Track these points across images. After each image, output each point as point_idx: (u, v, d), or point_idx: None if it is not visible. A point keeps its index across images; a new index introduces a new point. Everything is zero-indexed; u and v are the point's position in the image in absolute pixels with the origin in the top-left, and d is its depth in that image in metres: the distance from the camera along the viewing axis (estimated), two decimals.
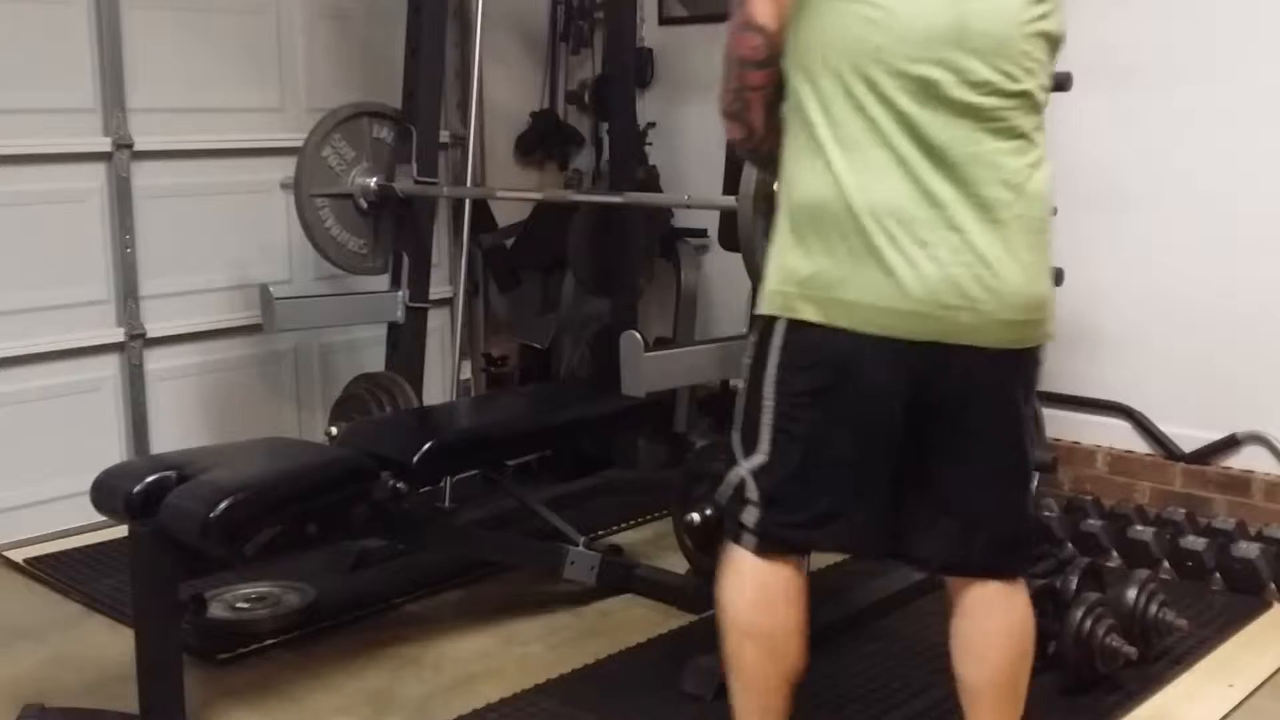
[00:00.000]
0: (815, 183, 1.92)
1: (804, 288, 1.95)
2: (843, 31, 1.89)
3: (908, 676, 2.87)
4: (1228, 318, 3.56)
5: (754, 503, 2.04)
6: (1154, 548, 3.47)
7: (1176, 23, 3.57)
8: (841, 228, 1.90)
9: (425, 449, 2.95)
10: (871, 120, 1.88)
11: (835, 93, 1.90)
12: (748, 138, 2.06)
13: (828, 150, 1.91)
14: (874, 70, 1.88)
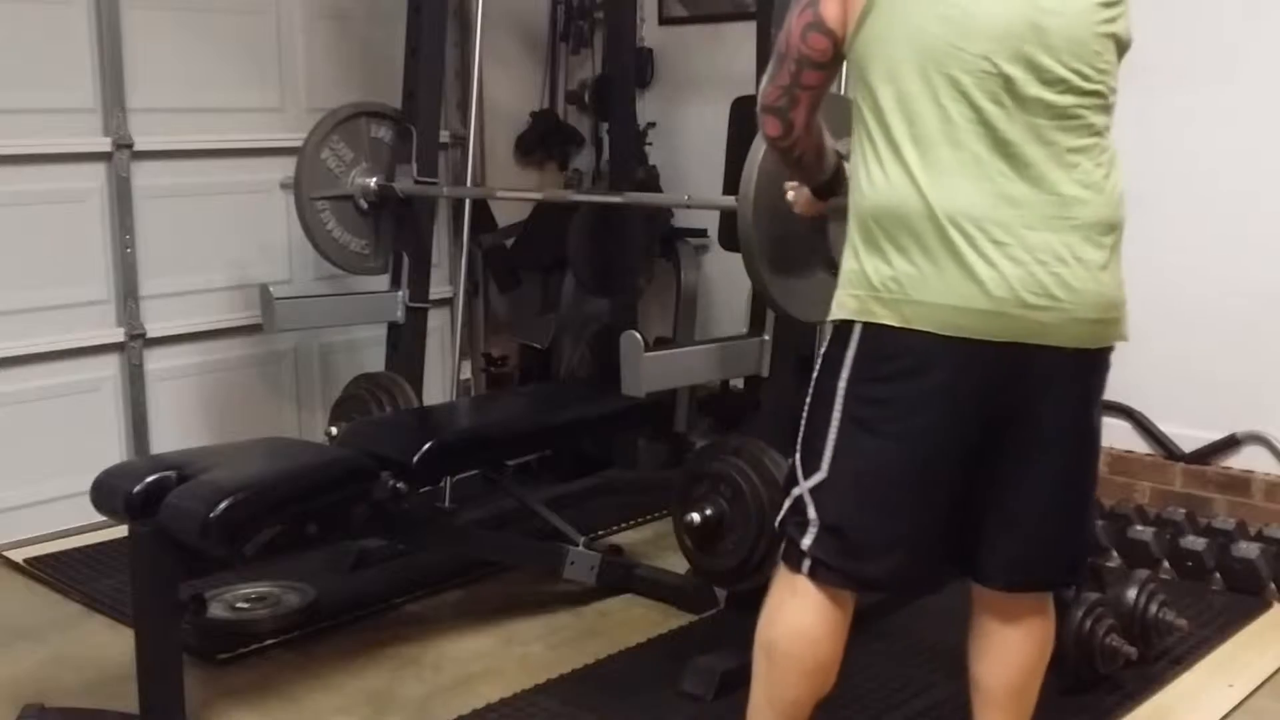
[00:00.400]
0: (890, 185, 1.89)
1: (880, 291, 1.91)
2: (918, 30, 1.87)
3: (909, 676, 2.87)
4: (1228, 318, 3.56)
5: (813, 523, 1.99)
6: (1154, 548, 3.47)
7: (1182, 22, 3.56)
8: (918, 229, 1.87)
9: (425, 449, 2.95)
10: (948, 120, 1.87)
11: (910, 93, 1.88)
12: (785, 134, 2.03)
13: (904, 151, 1.88)
14: (950, 68, 1.86)
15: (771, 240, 2.51)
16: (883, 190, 1.91)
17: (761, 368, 2.82)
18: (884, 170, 1.90)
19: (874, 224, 1.92)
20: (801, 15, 1.95)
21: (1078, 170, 1.93)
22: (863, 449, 1.95)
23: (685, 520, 2.80)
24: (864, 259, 1.94)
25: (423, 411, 3.74)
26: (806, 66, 1.96)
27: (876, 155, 1.92)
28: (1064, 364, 1.95)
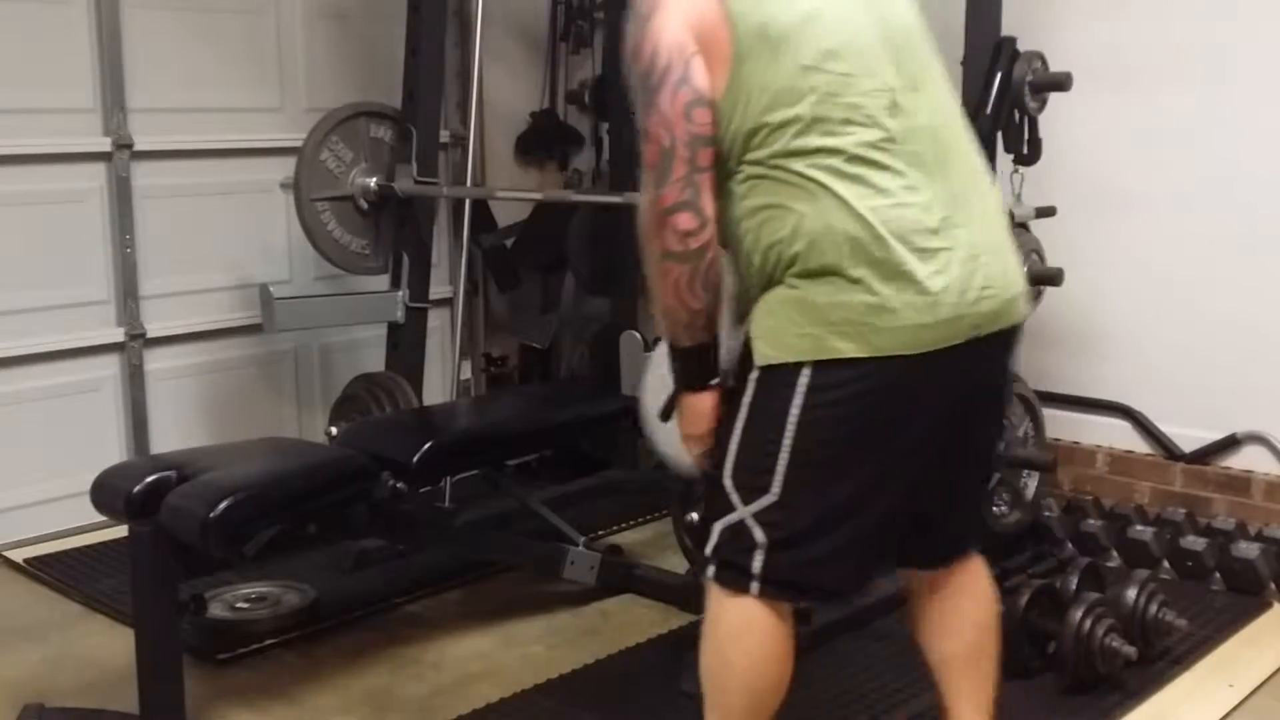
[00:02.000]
0: (823, 219, 1.87)
1: (837, 324, 1.87)
2: (793, 71, 1.88)
3: (909, 676, 2.87)
4: (1228, 318, 3.56)
5: (761, 545, 1.96)
6: (1154, 548, 3.47)
7: (1176, 23, 3.57)
8: (865, 254, 1.86)
9: (425, 449, 2.95)
10: (859, 144, 1.87)
11: (809, 130, 1.87)
12: (702, 226, 1.88)
13: (828, 184, 1.87)
14: (845, 95, 1.88)
15: None
16: (818, 226, 1.87)
17: None
18: (811, 208, 1.87)
19: (813, 259, 1.88)
20: (677, 97, 1.85)
21: (968, 160, 2.02)
22: (824, 471, 1.93)
23: (685, 520, 2.80)
24: (812, 294, 1.89)
25: (423, 411, 3.75)
26: (700, 145, 1.87)
27: (792, 201, 1.89)
28: (996, 345, 2.00)
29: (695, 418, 2.04)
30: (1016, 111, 3.32)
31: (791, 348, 1.90)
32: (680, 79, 1.86)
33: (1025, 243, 3.39)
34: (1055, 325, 3.75)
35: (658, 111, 1.87)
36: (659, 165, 1.88)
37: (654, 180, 1.88)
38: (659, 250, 1.91)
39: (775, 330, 1.92)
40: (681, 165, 1.87)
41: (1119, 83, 3.65)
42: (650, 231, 1.91)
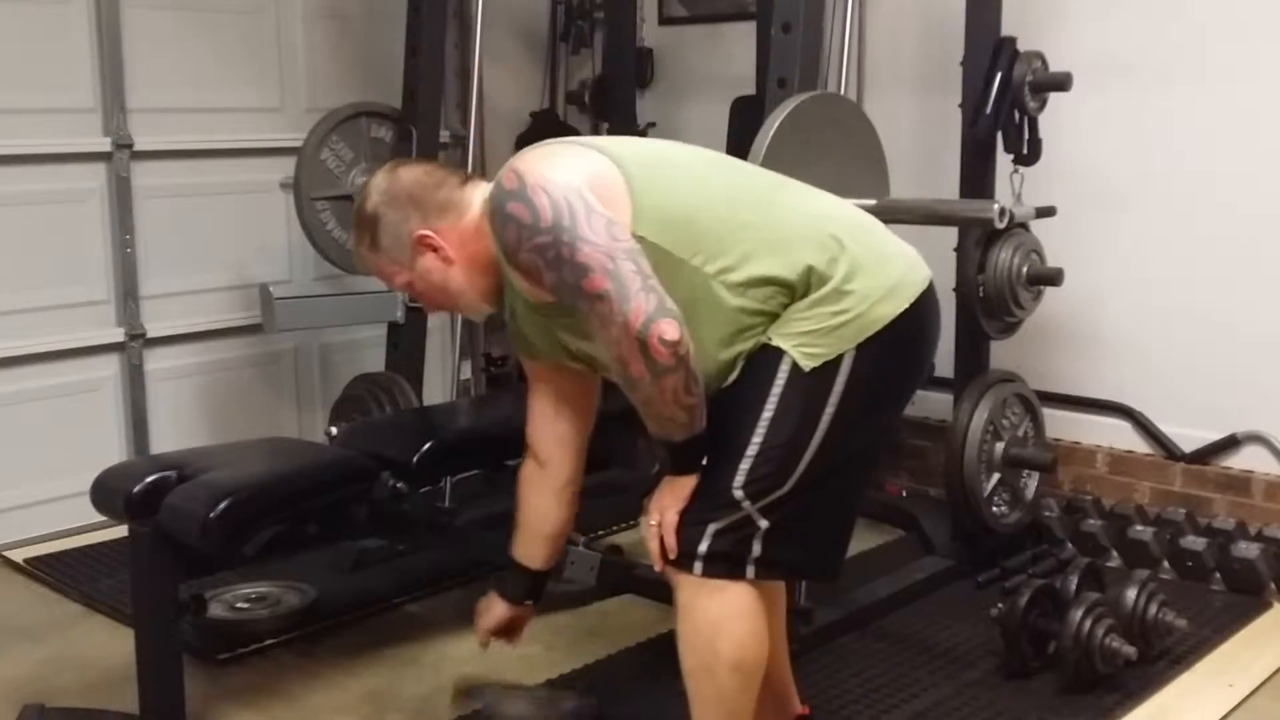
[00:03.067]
0: (794, 220, 2.03)
1: (874, 295, 2.00)
2: (717, 167, 2.08)
3: (909, 676, 2.87)
4: (1228, 318, 3.56)
5: (761, 530, 2.00)
6: (1154, 548, 3.47)
7: (1176, 23, 3.57)
8: (858, 239, 2.03)
9: (425, 449, 2.95)
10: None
11: (760, 204, 2.03)
12: (682, 327, 1.88)
13: (771, 196, 2.07)
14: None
15: None
16: (796, 227, 2.01)
17: None
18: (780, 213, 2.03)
19: (821, 252, 1.99)
20: (593, 222, 1.89)
21: None
22: (837, 454, 2.02)
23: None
24: (841, 283, 1.99)
25: (423, 411, 3.74)
26: (639, 255, 1.90)
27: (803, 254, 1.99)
28: None
29: (673, 499, 2.06)
30: (1016, 111, 3.33)
31: (841, 338, 1.98)
32: (594, 213, 1.90)
33: (1025, 243, 3.39)
34: (1055, 325, 3.75)
35: (585, 242, 1.87)
36: (613, 288, 1.86)
37: (614, 306, 1.85)
38: (650, 371, 1.87)
39: (814, 333, 1.98)
40: (634, 277, 1.87)
41: (1119, 83, 3.65)
42: (631, 359, 1.87)
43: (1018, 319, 3.46)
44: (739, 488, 1.98)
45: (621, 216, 1.92)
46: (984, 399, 3.39)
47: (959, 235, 3.43)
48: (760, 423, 1.99)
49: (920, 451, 4.17)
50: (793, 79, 2.72)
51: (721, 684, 2.05)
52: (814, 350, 1.97)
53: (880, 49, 4.16)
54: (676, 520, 2.02)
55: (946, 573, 3.42)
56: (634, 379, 1.89)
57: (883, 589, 3.28)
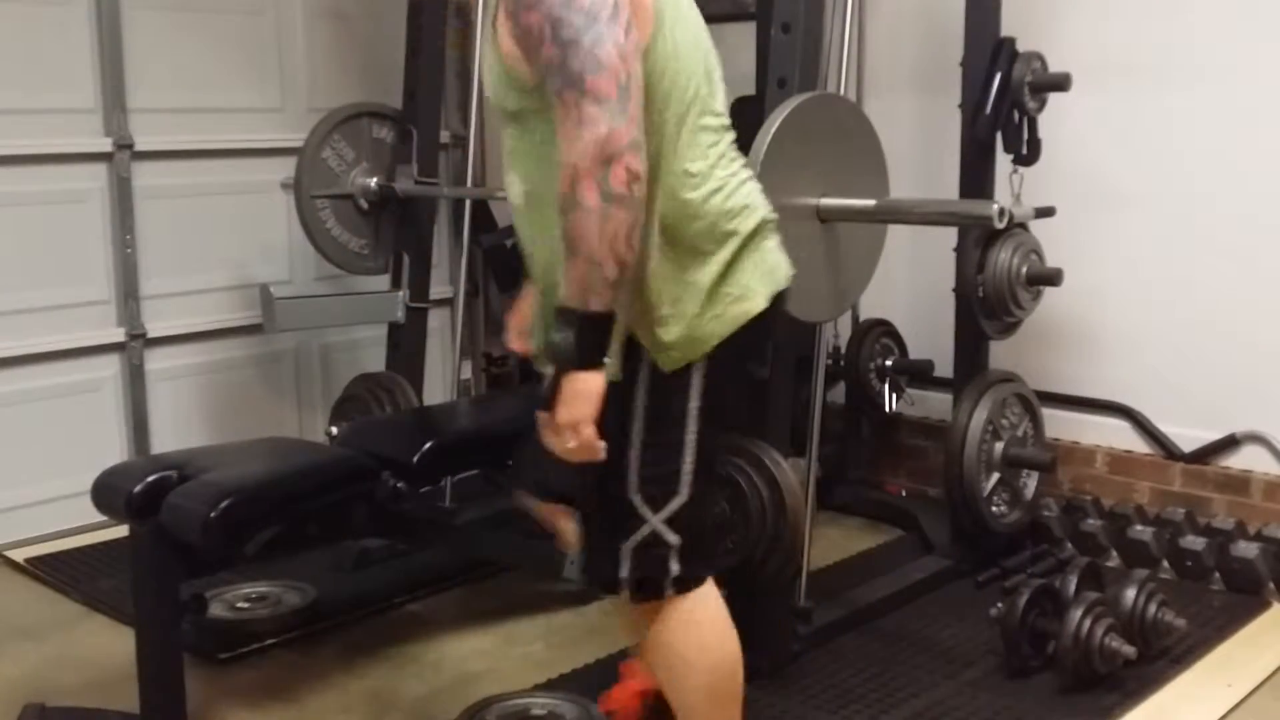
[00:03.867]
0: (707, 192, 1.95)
1: (733, 290, 1.96)
2: (689, 60, 1.92)
3: (909, 676, 2.87)
4: (1227, 318, 3.56)
5: (674, 548, 1.96)
6: (1153, 548, 3.47)
7: (1175, 23, 3.57)
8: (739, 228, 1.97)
9: (425, 449, 2.95)
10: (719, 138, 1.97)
11: (693, 116, 1.93)
12: (643, 173, 1.77)
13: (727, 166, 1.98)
14: (709, 100, 1.95)
15: None
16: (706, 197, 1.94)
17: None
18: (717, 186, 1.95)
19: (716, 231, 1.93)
20: (630, 36, 1.77)
21: None
22: (710, 449, 1.99)
23: None
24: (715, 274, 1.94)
25: (423, 411, 3.75)
26: (640, 93, 1.79)
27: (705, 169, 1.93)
28: None
29: (583, 401, 1.79)
30: (1016, 111, 3.33)
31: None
32: (629, 24, 1.77)
33: (1025, 243, 3.40)
34: (1055, 325, 3.75)
35: (614, 43, 1.73)
36: (616, 98, 1.72)
37: (607, 114, 1.71)
38: (601, 193, 1.71)
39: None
40: (635, 105, 1.75)
41: (1119, 83, 3.65)
42: (590, 170, 1.71)
43: (1017, 319, 3.46)
44: (635, 491, 1.94)
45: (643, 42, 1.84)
46: (984, 399, 3.39)
47: (959, 235, 3.43)
48: (635, 414, 1.94)
49: (920, 451, 4.17)
50: (793, 79, 2.72)
51: (702, 689, 2.05)
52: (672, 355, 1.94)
53: (880, 49, 4.16)
54: (595, 433, 1.81)
55: (946, 573, 3.42)
56: (579, 200, 1.72)
57: (883, 589, 3.29)
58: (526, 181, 1.94)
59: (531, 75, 1.80)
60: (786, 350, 2.84)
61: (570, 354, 1.78)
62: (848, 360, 3.99)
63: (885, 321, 4.03)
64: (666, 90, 1.87)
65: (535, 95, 1.82)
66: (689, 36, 1.92)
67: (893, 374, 3.98)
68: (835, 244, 2.65)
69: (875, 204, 2.64)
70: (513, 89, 1.86)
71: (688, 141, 1.90)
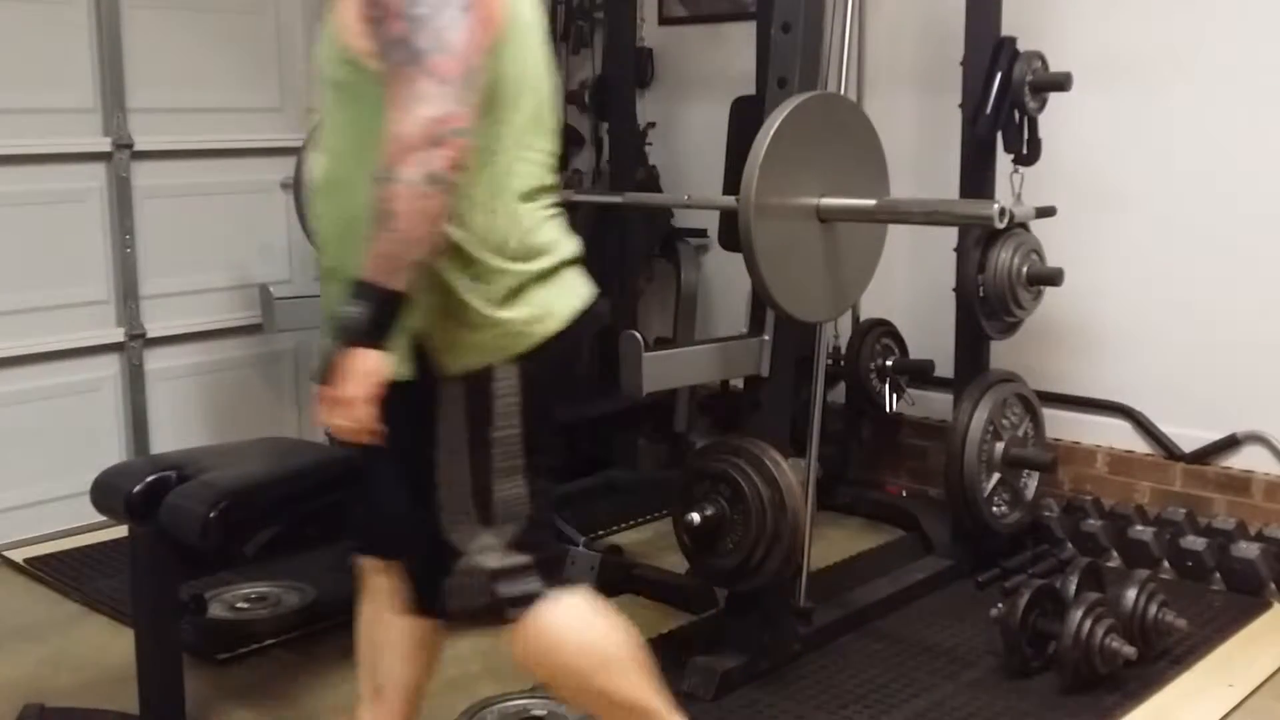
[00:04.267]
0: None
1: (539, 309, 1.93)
2: (533, 72, 1.92)
3: (909, 676, 2.87)
4: (1228, 318, 3.56)
5: (526, 566, 1.96)
6: (1154, 548, 3.47)
7: (1176, 23, 3.57)
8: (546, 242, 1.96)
9: None
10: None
11: (525, 126, 1.93)
12: (464, 160, 1.75)
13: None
14: (545, 113, 1.97)
15: (771, 240, 2.51)
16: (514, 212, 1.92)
17: (761, 368, 2.82)
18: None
19: (522, 244, 1.91)
20: (480, 29, 1.77)
21: None
22: (542, 465, 1.97)
23: (685, 520, 2.80)
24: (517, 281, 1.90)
25: None
26: (478, 85, 1.79)
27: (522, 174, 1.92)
28: None
29: (364, 379, 1.75)
30: (1016, 111, 3.33)
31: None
32: (480, 21, 1.78)
33: (1025, 243, 3.39)
34: (1055, 325, 3.75)
35: (465, 30, 1.73)
36: (457, 83, 1.71)
37: (445, 96, 1.69)
38: (426, 171, 1.68)
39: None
40: (472, 96, 1.75)
41: (1119, 83, 3.65)
42: (417, 146, 1.68)
43: (1018, 319, 3.46)
44: (471, 514, 1.93)
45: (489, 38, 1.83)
46: (984, 399, 3.39)
47: (959, 235, 3.43)
48: (442, 439, 1.92)
49: (920, 451, 4.17)
50: (793, 79, 2.72)
51: (612, 687, 2.06)
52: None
53: (880, 49, 4.16)
54: (372, 415, 1.77)
55: (946, 573, 3.42)
56: (400, 174, 1.69)
57: (883, 589, 3.28)
58: (336, 157, 1.93)
59: (369, 48, 1.78)
60: (786, 350, 2.84)
61: (359, 329, 1.74)
62: (848, 360, 3.99)
63: (885, 321, 4.03)
64: (503, 100, 1.87)
65: (365, 70, 1.80)
66: (534, 61, 1.93)
67: (893, 374, 3.98)
68: (835, 244, 2.65)
69: (875, 204, 2.64)
70: (345, 60, 1.85)
71: (514, 156, 1.90)
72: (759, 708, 2.72)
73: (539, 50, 1.95)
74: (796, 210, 2.56)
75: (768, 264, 2.50)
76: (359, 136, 1.83)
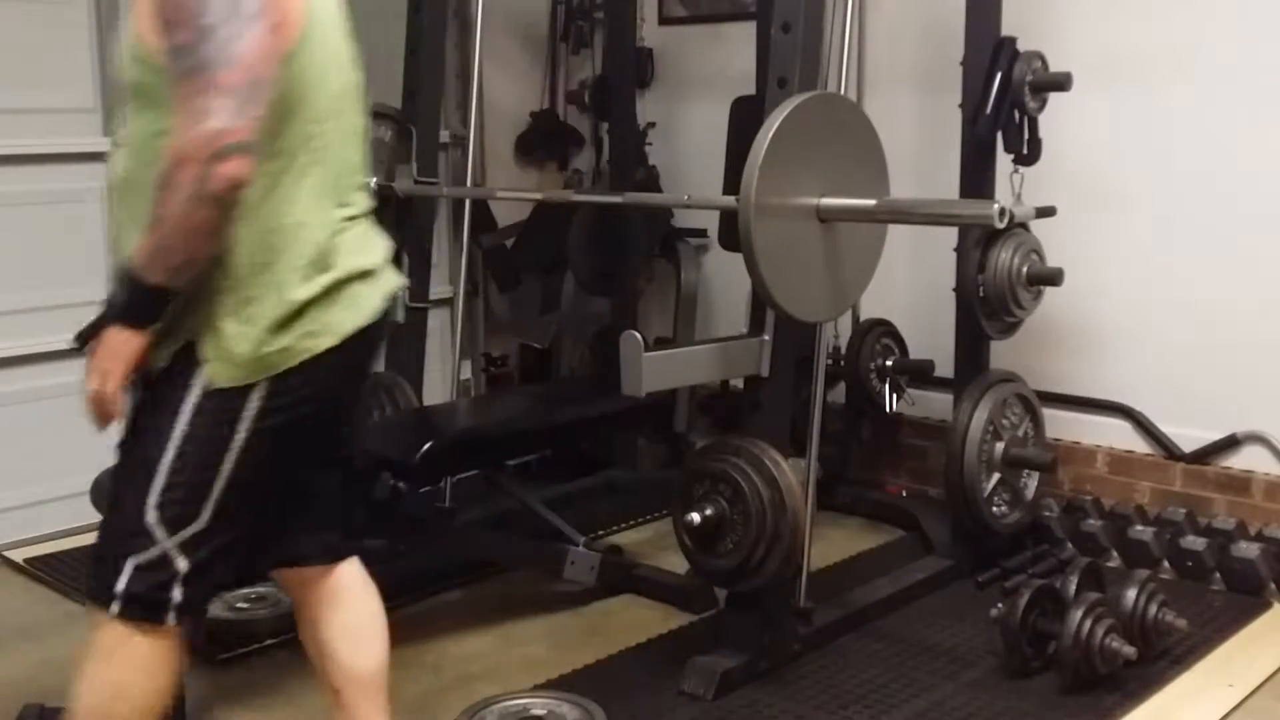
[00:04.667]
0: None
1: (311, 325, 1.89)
2: (333, 76, 1.91)
3: (909, 676, 2.87)
4: (1227, 318, 3.56)
5: (180, 574, 1.87)
6: (1154, 548, 3.47)
7: (1176, 23, 3.57)
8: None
9: (425, 449, 2.95)
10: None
11: (324, 131, 1.92)
12: (249, 175, 1.73)
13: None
14: (351, 116, 1.98)
15: (771, 240, 2.51)
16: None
17: (761, 368, 2.82)
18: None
19: (314, 249, 1.89)
20: (271, 41, 1.74)
21: None
22: (252, 486, 1.91)
23: (685, 520, 2.80)
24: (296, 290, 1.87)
25: (423, 411, 3.74)
26: (266, 96, 1.75)
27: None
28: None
29: (117, 358, 1.79)
30: (1017, 111, 3.33)
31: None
32: (273, 26, 1.76)
33: (1025, 243, 3.39)
34: (1055, 325, 3.75)
35: (252, 40, 1.70)
36: (240, 96, 1.68)
37: (226, 109, 1.67)
38: (197, 185, 1.67)
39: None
40: (257, 108, 1.72)
41: (1119, 83, 3.65)
42: (194, 159, 1.67)
43: (1018, 319, 3.46)
44: (152, 508, 1.85)
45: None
46: (984, 399, 3.39)
47: (959, 235, 3.43)
48: (174, 431, 1.86)
49: (920, 451, 4.17)
50: (793, 79, 2.72)
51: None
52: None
53: (880, 49, 4.16)
54: (117, 396, 1.82)
55: (946, 573, 3.42)
56: (175, 181, 1.68)
57: (883, 589, 3.28)
58: (131, 156, 1.89)
59: (160, 52, 1.76)
60: (786, 350, 2.84)
61: (120, 310, 1.80)
62: (848, 360, 3.99)
63: (885, 321, 4.03)
64: (298, 109, 1.84)
65: (158, 71, 1.77)
66: (335, 64, 1.91)
67: (893, 374, 3.98)
68: (835, 244, 2.65)
69: (875, 204, 2.64)
70: (139, 60, 1.82)
71: (307, 166, 1.87)
72: (759, 708, 2.72)
73: (340, 49, 1.94)
74: (796, 210, 2.56)
75: (768, 264, 2.50)
76: (153, 137, 1.80)
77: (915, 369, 3.98)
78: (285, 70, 1.80)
